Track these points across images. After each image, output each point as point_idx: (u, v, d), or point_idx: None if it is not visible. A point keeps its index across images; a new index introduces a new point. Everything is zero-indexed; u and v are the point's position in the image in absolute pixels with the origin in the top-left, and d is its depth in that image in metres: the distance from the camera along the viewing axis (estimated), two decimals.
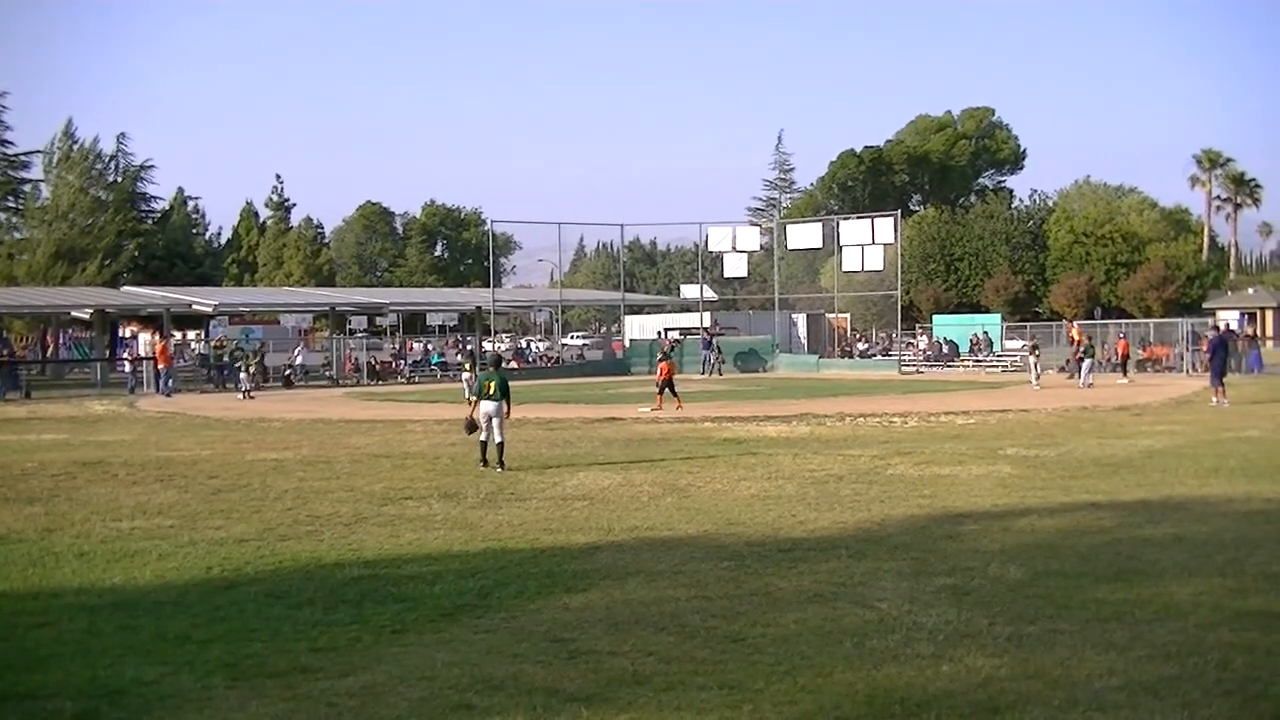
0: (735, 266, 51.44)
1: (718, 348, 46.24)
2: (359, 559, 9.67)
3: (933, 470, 14.85)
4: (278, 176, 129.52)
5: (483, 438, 15.55)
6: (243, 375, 34.79)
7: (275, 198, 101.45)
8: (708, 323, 52.15)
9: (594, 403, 30.74)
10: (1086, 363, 34.52)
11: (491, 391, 15.55)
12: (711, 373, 45.16)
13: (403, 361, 47.76)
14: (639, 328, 57.22)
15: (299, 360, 45.68)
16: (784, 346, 51.02)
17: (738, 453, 17.42)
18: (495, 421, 15.40)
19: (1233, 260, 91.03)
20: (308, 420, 25.20)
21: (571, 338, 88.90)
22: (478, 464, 15.45)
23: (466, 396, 30.64)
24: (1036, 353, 35.44)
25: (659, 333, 52.15)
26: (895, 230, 47.33)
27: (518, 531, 10.86)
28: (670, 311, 63.96)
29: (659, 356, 30.25)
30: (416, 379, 45.59)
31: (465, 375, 31.46)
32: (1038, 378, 33.94)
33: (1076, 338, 39.00)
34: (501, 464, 15.29)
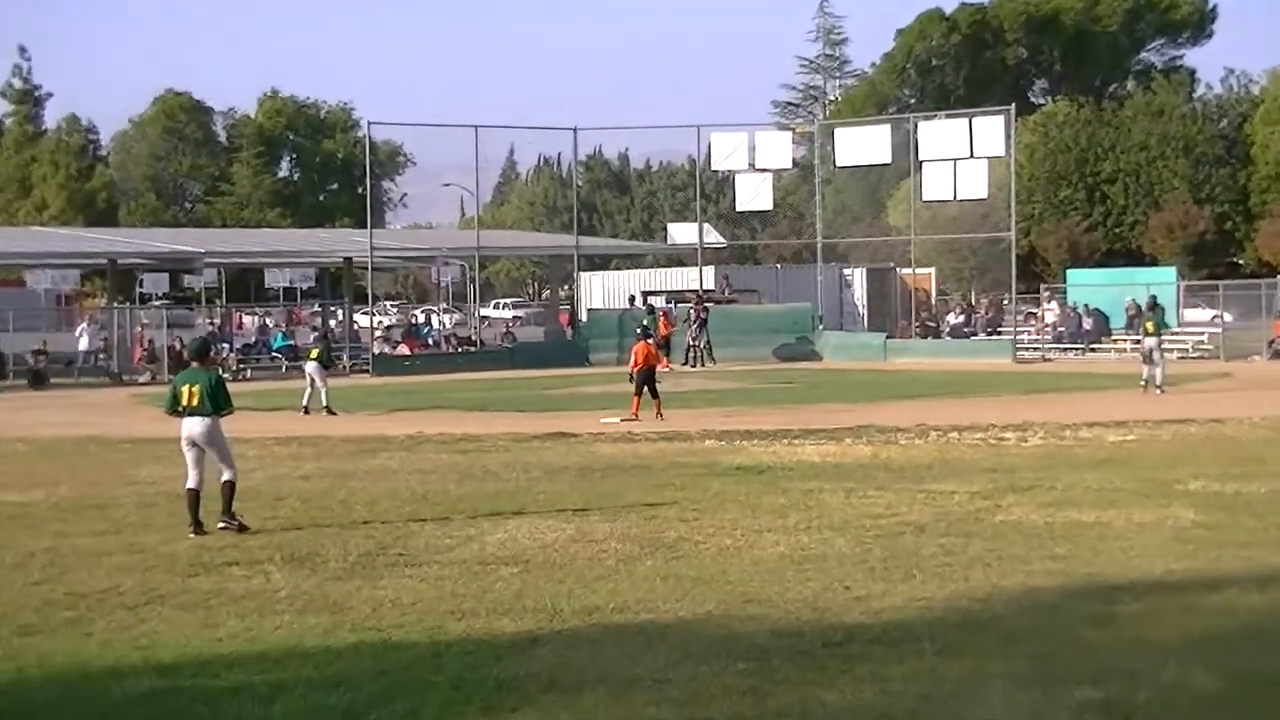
0: (754, 194, 51.60)
1: (701, 321, 46.41)
2: (151, 663, 9.57)
3: (1068, 516, 14.90)
4: (22, 50, 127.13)
5: (192, 484, 14.86)
6: None
7: (17, 83, 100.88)
8: (709, 283, 52.21)
9: (531, 409, 30.50)
10: None
11: (195, 402, 14.78)
12: (697, 361, 45.63)
13: (226, 346, 47.52)
14: (602, 291, 57.23)
15: (83, 346, 45.31)
16: (831, 319, 51.23)
17: (758, 488, 17.40)
18: (212, 452, 14.85)
19: None
20: (70, 439, 25.08)
21: (496, 307, 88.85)
22: (187, 530, 14.64)
23: (303, 402, 30.70)
24: (1158, 329, 33.28)
25: (631, 298, 52.13)
26: (1007, 136, 47.53)
27: (408, 616, 10.81)
28: (652, 265, 63.90)
29: (638, 333, 30.14)
30: (249, 372, 45.44)
31: (310, 365, 31.54)
32: (1155, 376, 32.00)
33: None
34: (230, 516, 14.82)
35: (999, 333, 49.99)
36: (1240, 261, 77.92)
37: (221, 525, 14.78)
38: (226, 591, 11.83)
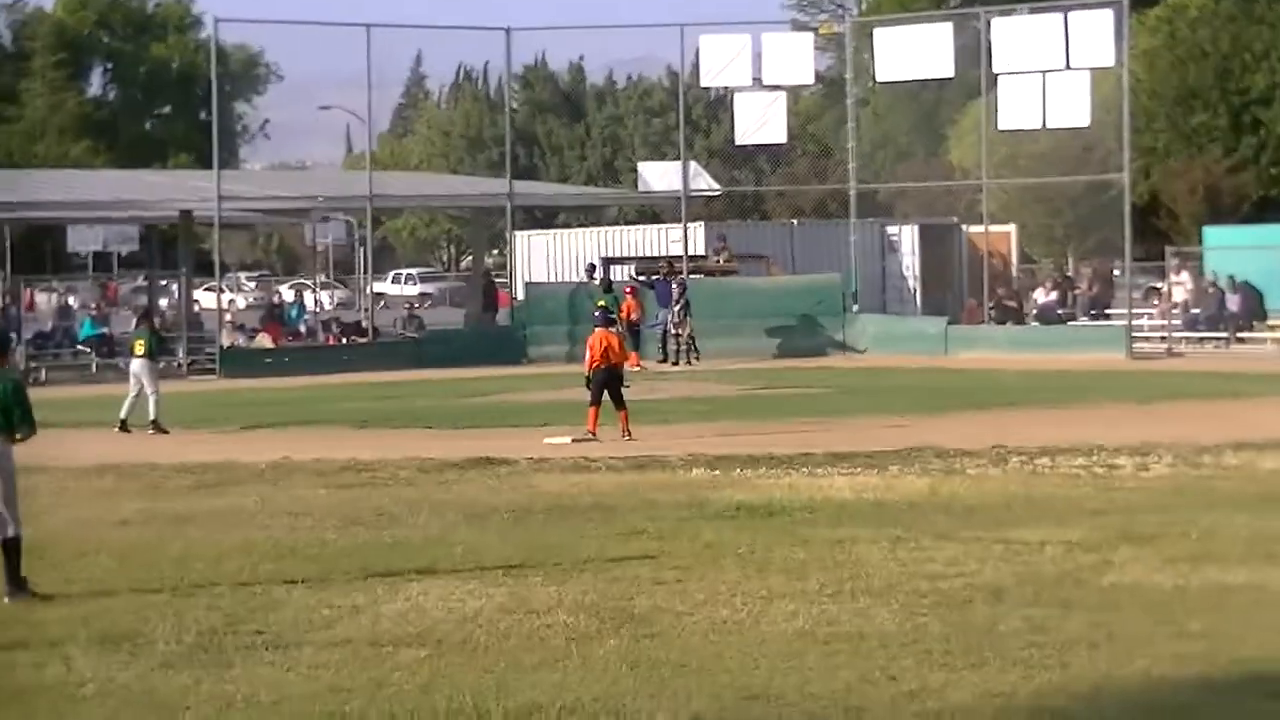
0: (760, 122, 51.50)
1: (684, 301, 46.40)
2: None
3: (1208, 576, 14.92)
4: None
5: None
6: None
7: None
8: (698, 246, 52.13)
9: (445, 426, 30.73)
10: None
11: None
12: (680, 357, 46.01)
13: (14, 337, 47.27)
14: (547, 257, 57.26)
15: None
16: (870, 297, 51.29)
17: (767, 537, 17.45)
18: None
19: None
20: None
21: (397, 281, 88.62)
22: None
23: (121, 415, 30.90)
24: None
25: (590, 268, 51.98)
26: (1118, 39, 47.50)
27: (270, 719, 10.78)
28: (617, 221, 63.80)
29: (595, 317, 30.00)
30: (44, 373, 45.40)
31: (135, 364, 31.47)
32: None
33: None
34: (18, 585, 14.86)
35: (1107, 316, 50.04)
36: None
37: (8, 597, 14.70)
38: (8, 685, 11.74)
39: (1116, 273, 53.19)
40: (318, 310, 60.15)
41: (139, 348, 31.71)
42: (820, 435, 27.09)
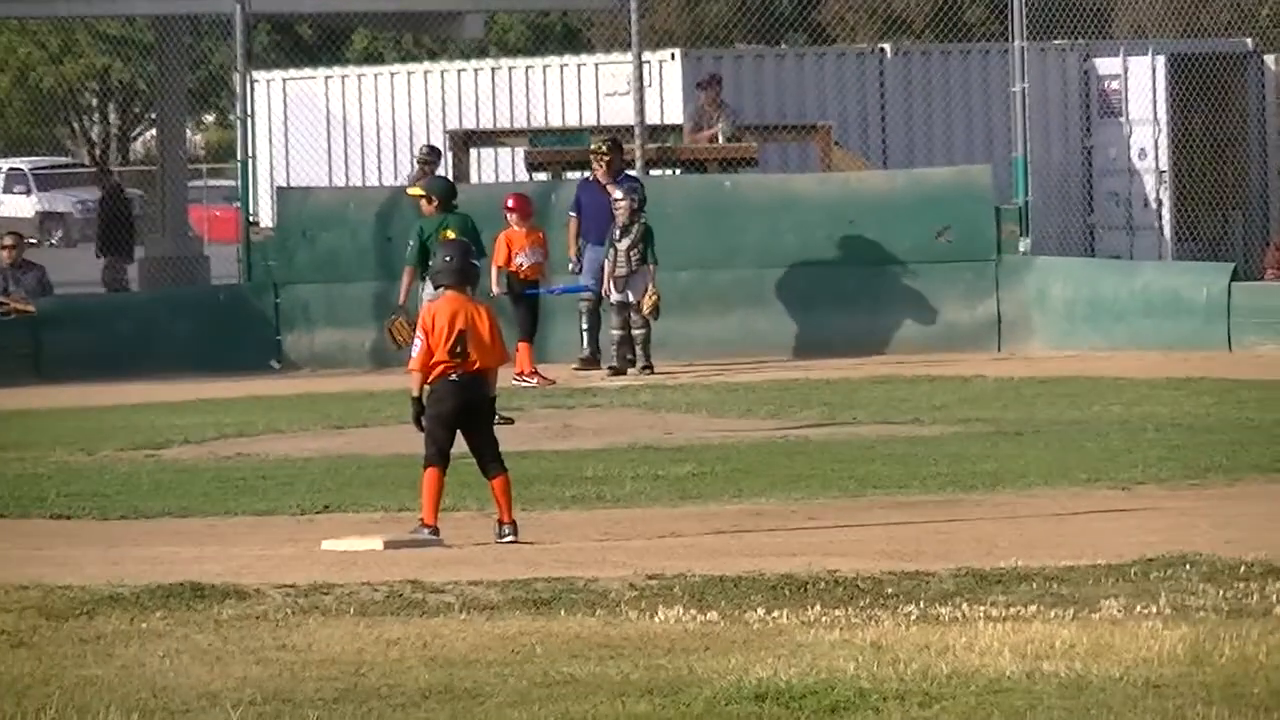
0: None
1: (639, 228, 46.47)
2: None
3: None
4: None
5: None
6: None
7: None
8: (669, 106, 52.68)
9: (102, 512, 31.48)
10: None
11: None
12: (638, 354, 48.09)
13: None
14: (325, 133, 57.80)
15: None
16: (1059, 219, 51.87)
17: None
18: None
19: None
20: None
21: None
22: None
23: None
24: None
25: (427, 155, 52.37)
26: None
27: None
28: (481, 51, 64.52)
29: (440, 267, 30.29)
30: None
31: None
32: None
33: None
34: None
35: None
36: None
37: None
38: None
39: None
40: None
41: None
42: (943, 530, 27.64)
